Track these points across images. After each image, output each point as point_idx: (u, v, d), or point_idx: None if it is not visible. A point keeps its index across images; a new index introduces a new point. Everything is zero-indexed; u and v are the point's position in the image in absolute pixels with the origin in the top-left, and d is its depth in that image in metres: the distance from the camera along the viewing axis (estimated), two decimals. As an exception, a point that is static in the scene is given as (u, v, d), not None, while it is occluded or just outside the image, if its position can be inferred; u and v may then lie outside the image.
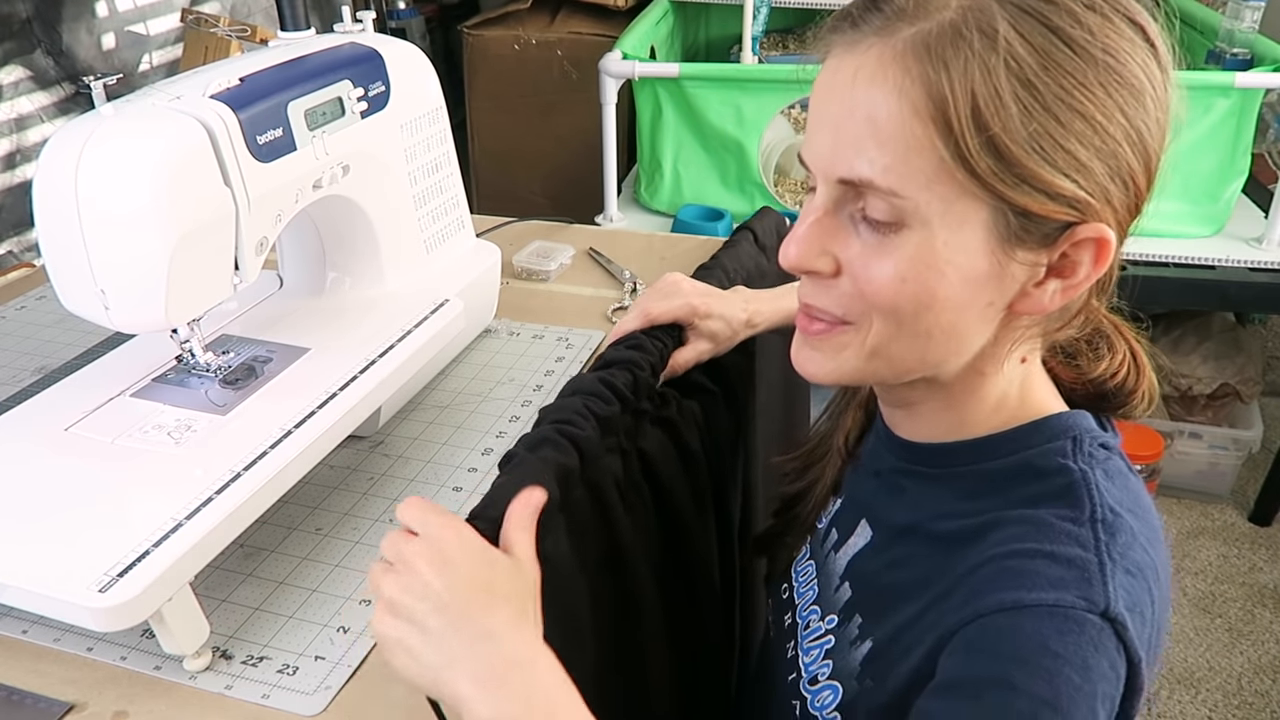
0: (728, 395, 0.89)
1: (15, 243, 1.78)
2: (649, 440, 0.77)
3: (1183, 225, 1.81)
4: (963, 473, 0.59)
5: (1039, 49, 0.47)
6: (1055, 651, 0.48)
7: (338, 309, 0.92)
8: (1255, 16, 1.85)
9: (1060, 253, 0.51)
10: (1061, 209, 0.49)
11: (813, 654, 0.66)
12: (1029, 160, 0.47)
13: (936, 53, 0.47)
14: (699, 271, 1.09)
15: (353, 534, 0.78)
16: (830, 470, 0.73)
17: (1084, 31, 0.48)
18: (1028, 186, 0.48)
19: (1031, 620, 0.49)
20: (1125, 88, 0.48)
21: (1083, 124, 0.48)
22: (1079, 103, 0.47)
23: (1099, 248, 0.51)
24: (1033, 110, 0.47)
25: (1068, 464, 0.55)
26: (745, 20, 2.02)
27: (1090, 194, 0.49)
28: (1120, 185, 0.50)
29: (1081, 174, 0.48)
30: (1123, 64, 0.48)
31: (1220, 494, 2.17)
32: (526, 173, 2.51)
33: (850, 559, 0.66)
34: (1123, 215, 0.51)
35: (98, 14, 1.87)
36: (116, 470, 0.71)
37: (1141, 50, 0.50)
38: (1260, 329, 2.46)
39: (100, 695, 0.65)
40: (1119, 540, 0.52)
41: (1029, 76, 0.47)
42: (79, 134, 0.66)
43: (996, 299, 0.52)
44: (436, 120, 0.97)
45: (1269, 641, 1.84)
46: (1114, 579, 0.50)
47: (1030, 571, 0.51)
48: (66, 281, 0.70)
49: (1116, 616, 0.49)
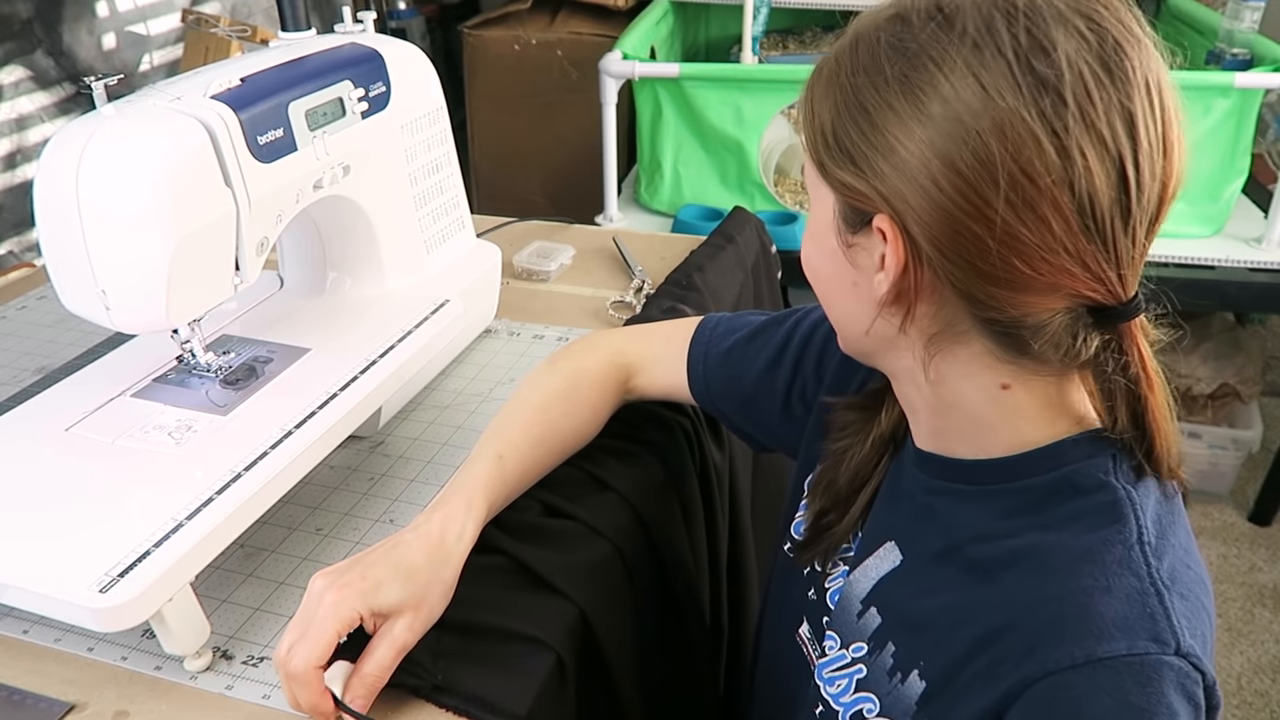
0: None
1: (15, 243, 1.78)
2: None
3: (1182, 225, 1.81)
4: (997, 491, 0.58)
5: (857, 58, 0.54)
6: (1140, 706, 0.47)
7: (338, 309, 0.92)
8: (1255, 17, 1.85)
9: (880, 244, 0.53)
10: (854, 197, 0.54)
11: (839, 684, 0.63)
12: (829, 152, 0.55)
13: (822, 68, 0.57)
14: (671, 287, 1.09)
15: (353, 534, 0.78)
16: (877, 455, 0.68)
17: (893, 37, 0.52)
18: (832, 176, 0.55)
19: (1108, 675, 0.48)
20: (910, 92, 0.50)
21: (866, 121, 0.52)
22: (866, 101, 0.52)
23: (892, 239, 0.52)
24: (839, 108, 0.54)
25: (1110, 480, 0.54)
26: (745, 20, 2.02)
27: (873, 186, 0.52)
28: (911, 185, 0.50)
29: (866, 166, 0.52)
30: (918, 70, 0.50)
31: (1220, 494, 2.17)
32: (526, 173, 2.51)
33: (877, 583, 0.64)
34: (924, 214, 0.50)
35: (98, 14, 1.87)
36: (117, 470, 0.71)
37: (962, 60, 0.49)
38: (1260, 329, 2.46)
39: (101, 695, 0.65)
40: (1166, 563, 0.51)
41: (843, 81, 0.54)
42: (80, 134, 0.66)
43: (858, 280, 0.56)
44: (437, 120, 0.97)
45: (1268, 641, 1.84)
46: (1175, 610, 0.49)
47: (1094, 614, 0.50)
48: (67, 281, 0.70)
49: (1189, 651, 0.48)
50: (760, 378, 0.79)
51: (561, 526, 0.75)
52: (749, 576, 1.02)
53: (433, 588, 0.63)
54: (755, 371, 0.80)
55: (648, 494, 0.81)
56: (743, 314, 0.85)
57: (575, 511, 0.75)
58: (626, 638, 0.75)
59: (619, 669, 0.73)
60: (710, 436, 0.92)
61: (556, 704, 0.66)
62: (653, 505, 0.81)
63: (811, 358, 0.78)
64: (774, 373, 0.79)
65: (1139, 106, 0.48)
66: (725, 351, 0.81)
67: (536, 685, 0.63)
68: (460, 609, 0.66)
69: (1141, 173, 0.49)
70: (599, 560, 0.74)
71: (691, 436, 0.89)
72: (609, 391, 0.82)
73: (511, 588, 0.69)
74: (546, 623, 0.67)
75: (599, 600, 0.71)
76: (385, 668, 0.61)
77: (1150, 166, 0.49)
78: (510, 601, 0.68)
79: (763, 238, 1.32)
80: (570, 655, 0.67)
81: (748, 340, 0.81)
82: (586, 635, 0.70)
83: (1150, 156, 0.49)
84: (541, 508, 0.76)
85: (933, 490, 0.62)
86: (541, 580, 0.70)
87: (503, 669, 0.64)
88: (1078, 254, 0.49)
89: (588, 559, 0.73)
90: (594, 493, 0.78)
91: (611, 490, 0.79)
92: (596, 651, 0.71)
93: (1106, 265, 0.50)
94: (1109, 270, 0.50)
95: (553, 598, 0.69)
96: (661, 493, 0.83)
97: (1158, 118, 0.49)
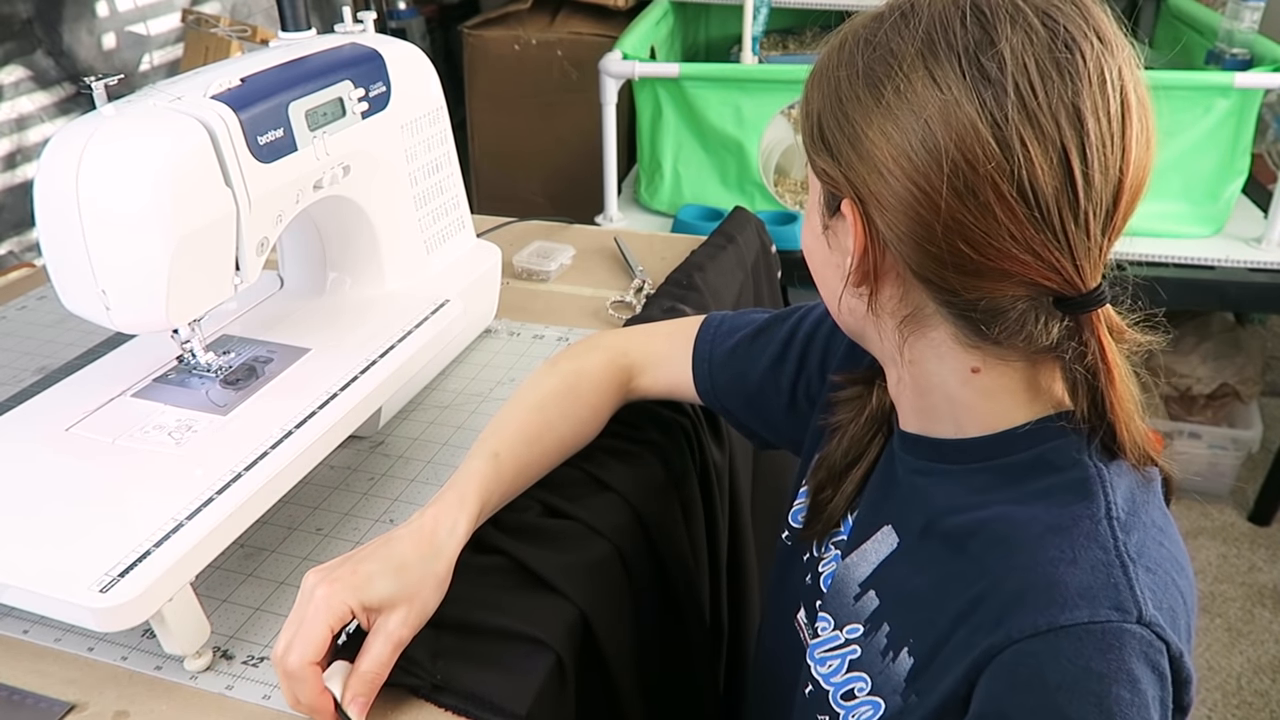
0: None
1: (15, 243, 1.78)
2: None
3: (1182, 225, 1.81)
4: (975, 469, 0.59)
5: (842, 62, 0.56)
6: (1100, 673, 0.48)
7: (338, 309, 0.92)
8: (1255, 16, 1.85)
9: (848, 230, 0.57)
10: (825, 182, 0.58)
11: (831, 664, 0.64)
12: (810, 140, 0.58)
13: (815, 64, 0.60)
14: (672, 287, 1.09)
15: (353, 534, 0.78)
16: (873, 433, 0.69)
17: (867, 50, 0.55)
18: (815, 159, 0.58)
19: (1069, 643, 0.49)
20: (871, 84, 0.54)
21: (839, 110, 0.55)
22: (839, 92, 0.56)
23: (852, 222, 0.56)
24: (823, 99, 0.57)
25: (1082, 459, 0.56)
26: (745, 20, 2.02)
27: (840, 172, 0.56)
28: (871, 172, 0.53)
29: (834, 153, 0.56)
30: (878, 62, 0.53)
31: (1219, 494, 2.17)
32: (526, 173, 2.51)
33: (877, 567, 0.65)
34: (883, 200, 0.53)
35: (98, 14, 1.87)
36: (117, 470, 0.71)
37: (916, 55, 0.52)
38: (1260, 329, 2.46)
39: (101, 695, 0.65)
40: (1135, 538, 0.52)
41: (829, 73, 0.57)
42: (80, 134, 0.66)
43: (841, 262, 0.59)
44: (437, 120, 0.98)
45: (1268, 641, 1.84)
46: (1139, 581, 0.50)
47: (1058, 584, 0.50)
48: (67, 281, 0.70)
49: (1151, 621, 0.49)
50: (765, 374, 0.80)
51: (561, 527, 0.75)
52: (749, 575, 1.02)
53: (425, 582, 0.64)
54: (760, 368, 0.80)
55: (648, 494, 0.81)
56: (746, 312, 0.85)
57: (575, 512, 0.75)
58: (626, 637, 0.75)
59: (619, 668, 0.73)
60: (710, 436, 0.92)
61: (556, 703, 0.66)
62: (653, 505, 0.81)
63: (816, 353, 0.79)
64: (779, 369, 0.80)
65: (1087, 101, 0.49)
66: (730, 349, 0.82)
67: (536, 685, 0.63)
68: (459, 608, 0.66)
69: (1090, 166, 0.50)
70: (599, 560, 0.74)
71: (691, 436, 0.89)
72: (609, 392, 0.82)
73: (511, 588, 0.69)
74: (546, 622, 0.67)
75: (599, 600, 0.71)
76: (383, 664, 0.61)
77: (1101, 160, 0.50)
78: (510, 601, 0.68)
79: (763, 238, 1.32)
80: (570, 655, 0.67)
81: (752, 338, 0.81)
82: (586, 635, 0.70)
83: (1101, 150, 0.50)
84: (541, 508, 0.76)
85: (917, 470, 0.63)
86: (541, 580, 0.70)
87: (502, 668, 0.64)
88: (1025, 242, 0.51)
89: (588, 559, 0.73)
90: (594, 493, 0.78)
91: (612, 490, 0.79)
92: (596, 651, 0.71)
93: (1060, 255, 0.51)
94: (1063, 260, 0.51)
95: (552, 597, 0.69)
96: (661, 492, 0.84)
97: (1110, 112, 0.50)
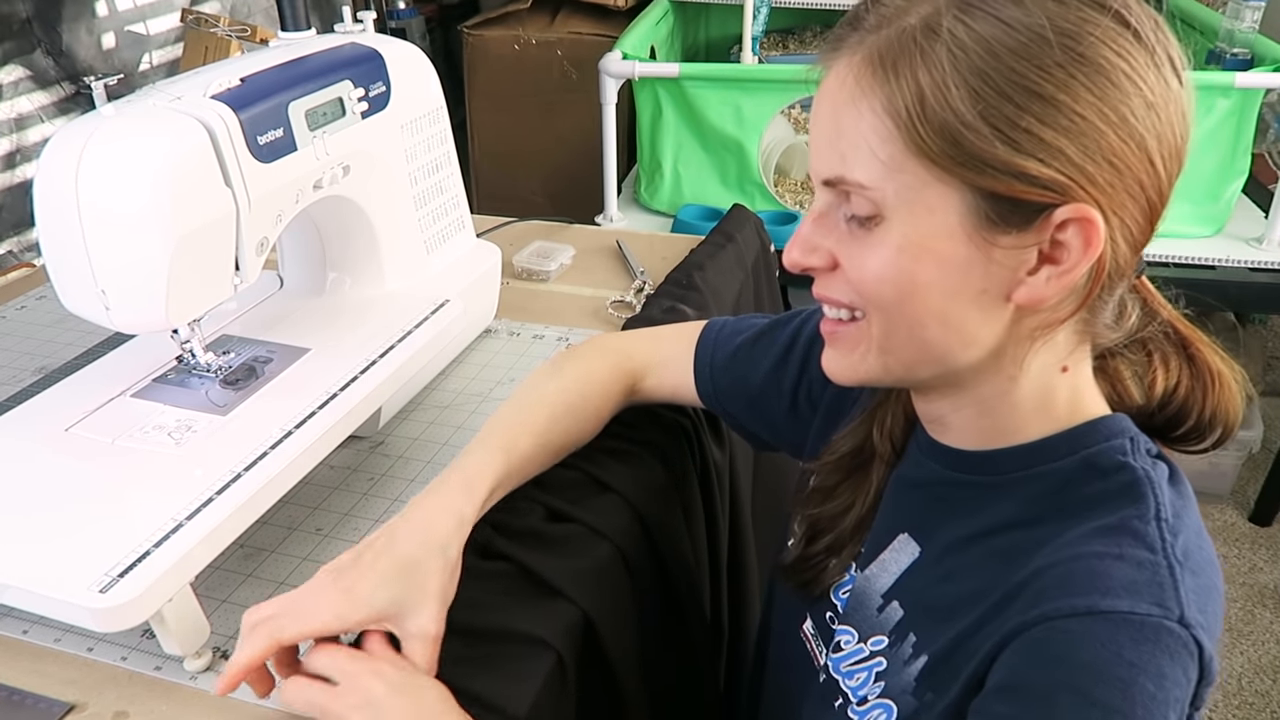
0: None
1: (15, 243, 1.78)
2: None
3: (1183, 225, 1.82)
4: (1019, 478, 0.58)
5: (987, 37, 0.49)
6: (1130, 661, 0.47)
7: (338, 309, 0.92)
8: (1255, 16, 1.85)
9: (1050, 238, 0.51)
10: (1032, 190, 0.49)
11: (859, 677, 0.64)
12: (985, 144, 0.49)
13: (889, 55, 0.51)
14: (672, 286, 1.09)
15: (353, 535, 0.78)
16: (876, 477, 0.69)
17: (1038, 19, 0.49)
18: (991, 169, 0.49)
19: (1106, 627, 0.48)
20: (1091, 68, 0.49)
21: (1041, 105, 0.49)
22: (1035, 84, 0.48)
23: (1085, 229, 0.50)
24: (984, 95, 0.49)
25: (1128, 461, 0.55)
26: (745, 20, 2.02)
27: (1062, 173, 0.49)
28: (1105, 166, 0.49)
29: (1047, 153, 0.49)
30: (1088, 46, 0.49)
31: (1220, 494, 2.17)
32: (526, 173, 2.51)
33: (899, 577, 0.64)
34: (1117, 198, 0.50)
35: (98, 14, 1.87)
36: (117, 470, 0.71)
37: (1115, 35, 0.49)
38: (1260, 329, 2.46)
39: (100, 695, 0.65)
40: (1180, 540, 0.52)
41: (977, 64, 0.49)
42: (80, 134, 0.66)
43: (989, 286, 0.53)
44: (437, 120, 0.97)
45: (1269, 641, 1.84)
46: (1184, 583, 0.50)
47: (1102, 574, 0.50)
48: (67, 281, 0.70)
49: (1192, 622, 0.49)
50: (767, 378, 0.80)
51: (565, 531, 0.74)
52: (749, 575, 1.02)
53: (437, 574, 0.63)
54: (762, 372, 0.80)
55: (649, 495, 0.81)
56: (747, 317, 0.85)
57: (577, 514, 0.75)
58: (630, 639, 0.75)
59: (623, 670, 0.73)
60: (711, 436, 0.92)
61: (557, 704, 0.66)
62: (654, 506, 0.81)
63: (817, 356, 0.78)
64: (780, 372, 0.79)
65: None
66: (731, 353, 0.82)
67: (536, 686, 0.63)
68: (464, 612, 0.65)
69: (1184, 152, 0.53)
70: (603, 563, 0.74)
71: (692, 436, 0.89)
72: (614, 395, 0.82)
73: (516, 593, 0.69)
74: (546, 623, 0.67)
75: (605, 603, 0.71)
76: (429, 664, 0.61)
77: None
78: (516, 606, 0.68)
79: (762, 236, 1.32)
80: (571, 655, 0.67)
81: (753, 341, 0.81)
82: (590, 637, 0.69)
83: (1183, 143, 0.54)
84: (544, 511, 0.76)
85: (951, 482, 0.62)
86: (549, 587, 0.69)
87: (503, 670, 0.64)
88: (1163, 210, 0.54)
89: (594, 563, 0.73)
90: (595, 494, 0.78)
91: (613, 492, 0.79)
92: (600, 653, 0.71)
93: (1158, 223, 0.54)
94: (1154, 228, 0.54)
95: (558, 601, 0.69)
96: (662, 493, 0.83)
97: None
